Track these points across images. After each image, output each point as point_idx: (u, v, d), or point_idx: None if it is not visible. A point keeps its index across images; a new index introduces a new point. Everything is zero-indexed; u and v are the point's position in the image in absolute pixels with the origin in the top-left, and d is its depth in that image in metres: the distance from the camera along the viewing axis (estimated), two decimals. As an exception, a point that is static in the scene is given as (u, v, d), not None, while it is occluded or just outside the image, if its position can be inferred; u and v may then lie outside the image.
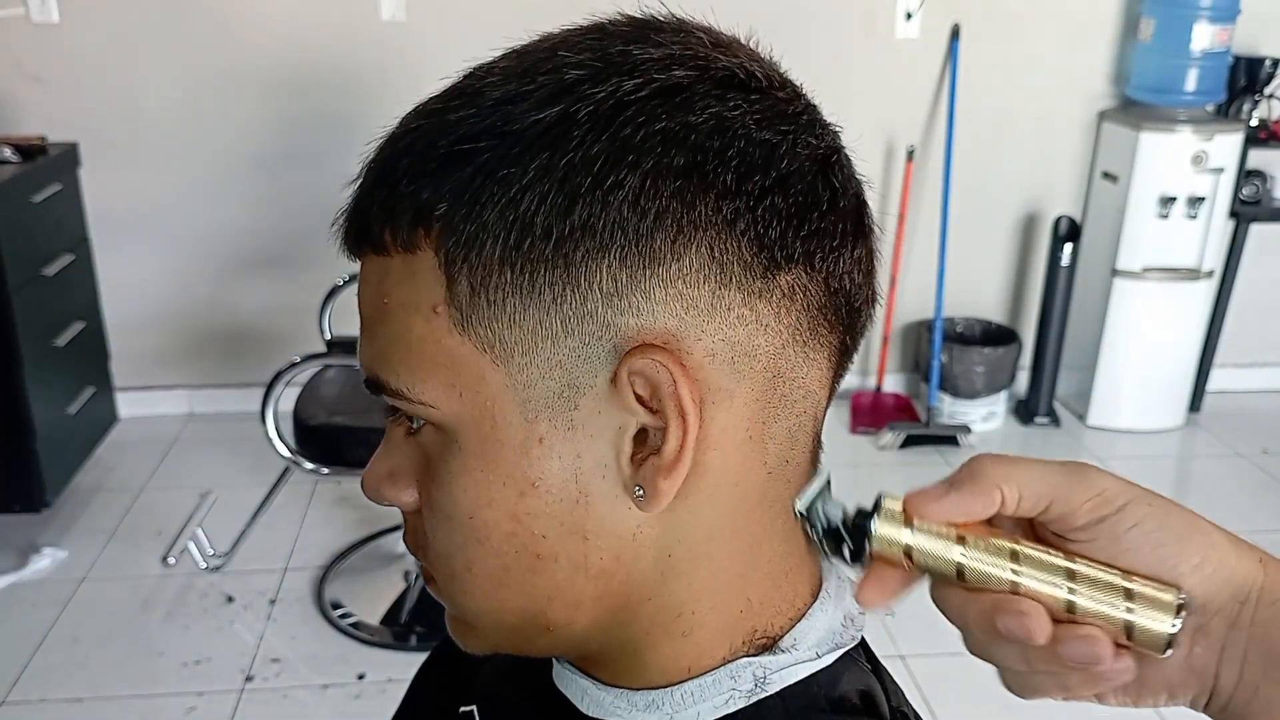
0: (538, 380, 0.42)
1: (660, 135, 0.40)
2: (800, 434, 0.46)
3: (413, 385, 0.43)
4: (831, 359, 0.46)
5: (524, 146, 0.40)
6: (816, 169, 0.43)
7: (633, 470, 0.43)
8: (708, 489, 0.44)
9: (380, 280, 0.44)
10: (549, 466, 0.43)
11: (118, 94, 2.97)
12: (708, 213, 0.40)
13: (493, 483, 0.43)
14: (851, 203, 0.45)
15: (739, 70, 0.42)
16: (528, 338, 0.41)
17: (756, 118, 0.42)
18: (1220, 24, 3.00)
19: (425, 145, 0.42)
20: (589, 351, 0.41)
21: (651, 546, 0.44)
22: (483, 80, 0.43)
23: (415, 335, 0.43)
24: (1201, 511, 0.40)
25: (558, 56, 0.42)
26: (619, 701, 0.48)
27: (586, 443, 0.42)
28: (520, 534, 0.44)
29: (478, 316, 0.41)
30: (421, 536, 0.48)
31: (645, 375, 0.41)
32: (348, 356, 2.31)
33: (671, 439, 0.41)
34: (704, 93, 0.41)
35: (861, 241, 0.45)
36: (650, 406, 0.41)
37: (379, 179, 0.43)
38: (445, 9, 3.00)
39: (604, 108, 0.40)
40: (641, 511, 0.43)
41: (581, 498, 0.43)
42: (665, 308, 0.41)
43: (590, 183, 0.39)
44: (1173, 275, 3.18)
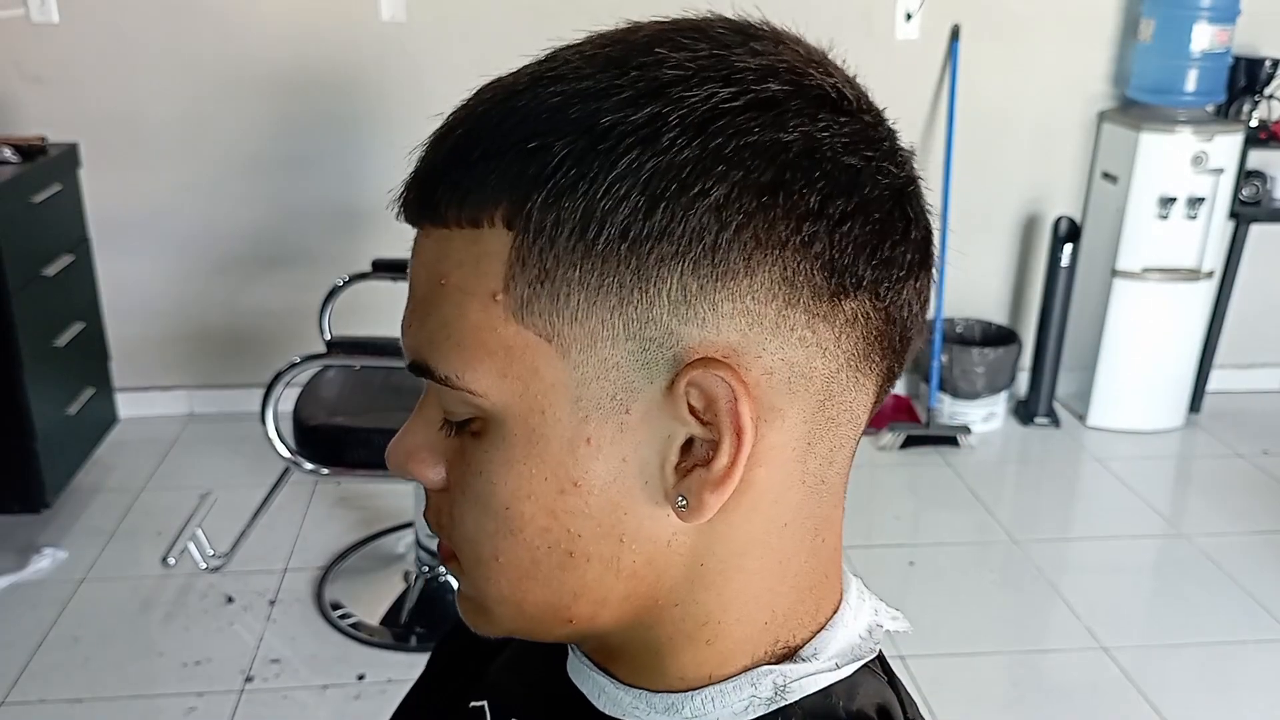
0: (592, 379, 0.41)
1: (751, 148, 0.39)
2: (839, 454, 0.46)
3: (463, 373, 0.42)
4: (879, 384, 0.46)
5: (612, 143, 0.39)
6: (894, 198, 0.43)
7: (676, 479, 0.42)
8: (748, 504, 0.44)
9: (439, 258, 0.43)
10: (593, 467, 0.42)
11: (118, 94, 2.97)
12: (787, 232, 0.40)
13: (534, 477, 0.43)
14: (923, 234, 0.44)
15: (832, 90, 0.42)
16: (587, 335, 0.41)
17: (844, 141, 0.41)
18: (1220, 24, 3.01)
19: (507, 127, 0.41)
20: (648, 357, 0.41)
21: (685, 555, 0.44)
22: (569, 65, 0.42)
23: (470, 321, 0.42)
24: (1201, 512, 0.40)
25: (653, 53, 0.41)
26: (637, 702, 0.48)
27: (633, 448, 0.42)
28: (555, 530, 0.43)
29: (539, 307, 0.41)
30: (445, 516, 0.47)
31: (703, 388, 0.40)
32: (348, 357, 2.31)
33: (724, 454, 0.41)
34: (797, 110, 0.41)
35: (925, 273, 0.45)
36: (702, 419, 0.41)
37: (452, 154, 0.42)
38: (445, 9, 3.00)
39: (697, 114, 0.39)
40: (681, 521, 0.43)
41: (621, 501, 0.43)
42: (731, 322, 0.40)
43: (676, 188, 0.39)
44: (1173, 276, 3.18)
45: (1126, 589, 2.64)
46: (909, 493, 3.07)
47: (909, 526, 2.91)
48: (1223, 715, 2.19)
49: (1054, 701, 2.18)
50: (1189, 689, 2.24)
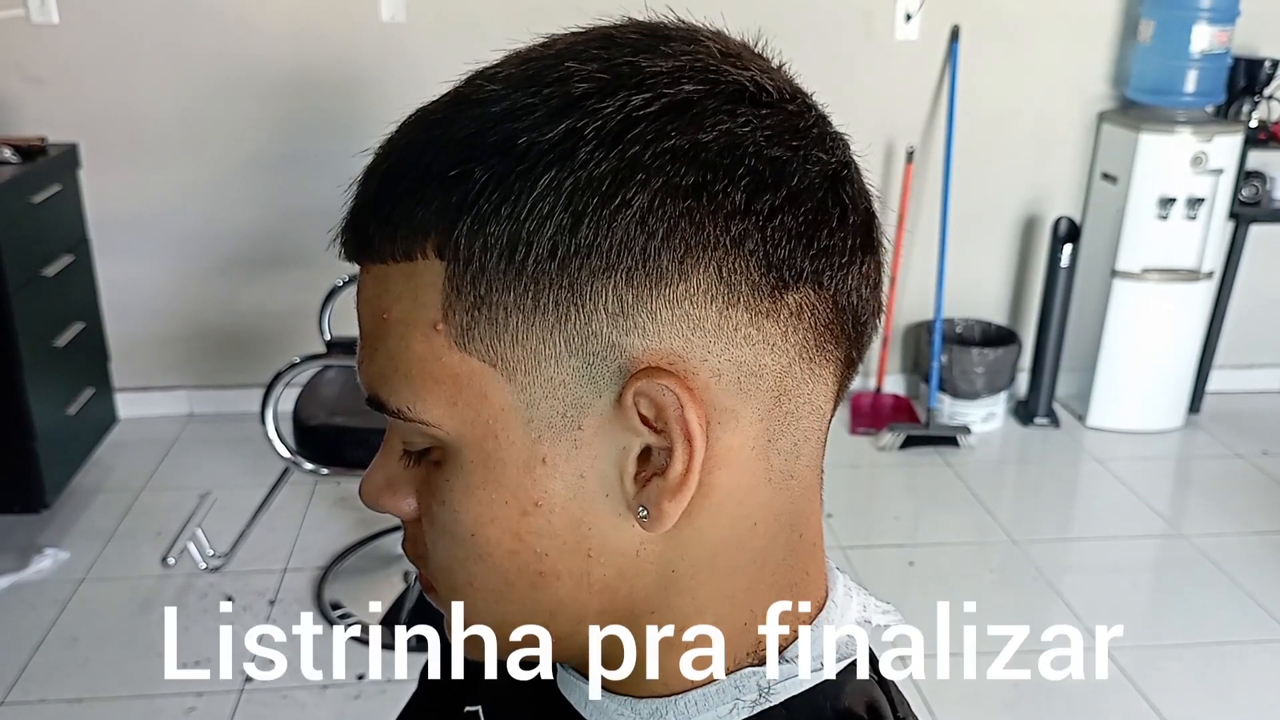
0: (541, 399, 0.41)
1: (669, 153, 0.39)
2: (805, 448, 0.45)
3: (414, 405, 0.43)
4: (837, 373, 0.45)
5: (530, 163, 0.39)
6: (826, 185, 0.42)
7: (636, 490, 0.42)
8: (712, 507, 0.43)
9: (380, 293, 0.43)
10: (552, 486, 0.42)
11: (118, 94, 2.97)
12: (716, 232, 0.40)
13: (495, 501, 0.43)
14: (861, 217, 0.44)
15: (749, 83, 0.41)
16: (530, 356, 0.41)
17: (767, 133, 0.41)
18: (1220, 25, 3.01)
19: (428, 158, 0.41)
20: (593, 372, 0.40)
21: (655, 563, 0.44)
22: (485, 89, 0.42)
23: (415, 353, 0.42)
24: (1201, 512, 0.39)
25: (564, 67, 0.41)
26: (622, 709, 0.48)
27: (590, 462, 0.42)
28: (522, 552, 0.43)
29: (479, 333, 0.41)
30: (422, 546, 0.47)
31: (651, 397, 0.40)
32: (347, 357, 2.31)
33: (677, 462, 0.41)
34: (714, 108, 0.40)
35: (870, 256, 0.44)
36: (655, 427, 0.41)
37: (380, 190, 0.43)
38: (445, 9, 3.00)
39: (612, 124, 0.39)
40: (645, 531, 0.43)
41: (584, 517, 0.43)
42: (671, 328, 0.40)
43: (597, 202, 0.39)
44: (1172, 276, 3.18)
45: (1126, 589, 2.64)
46: (909, 493, 3.07)
47: (909, 527, 2.91)
48: (1223, 715, 2.20)
49: (1054, 701, 2.18)
50: (1189, 689, 2.24)
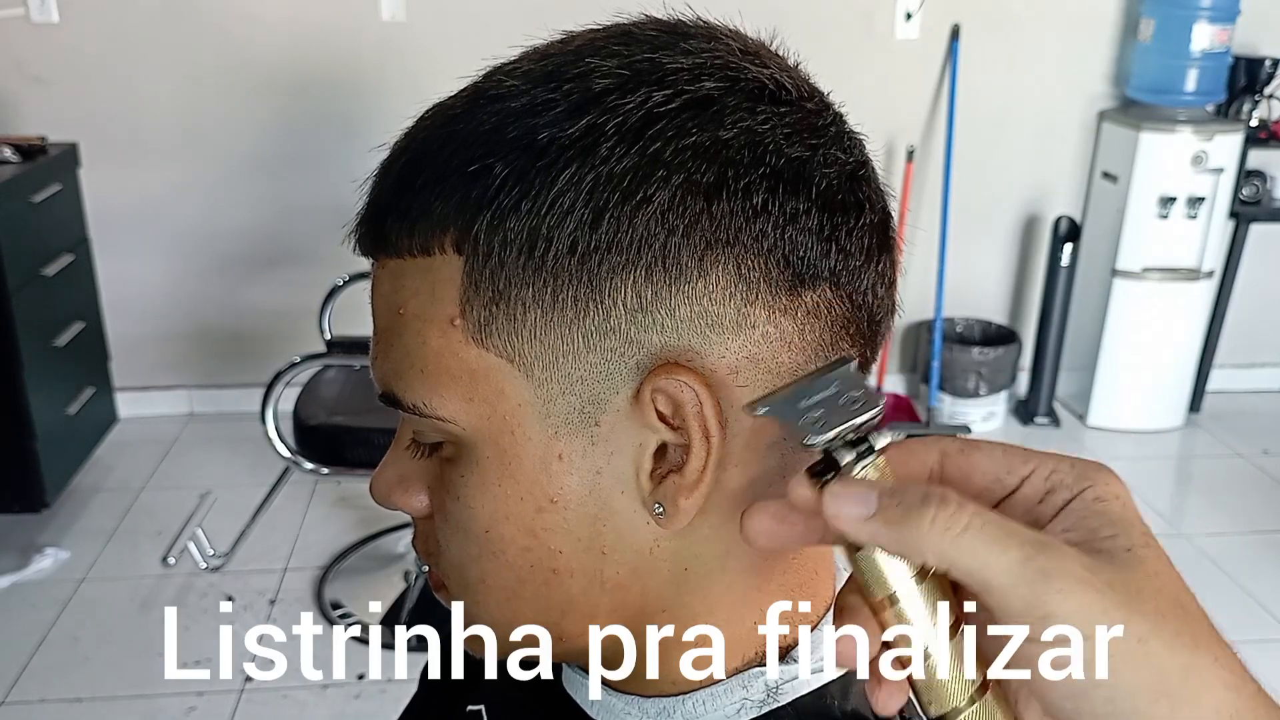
0: (558, 395, 0.41)
1: (690, 150, 0.39)
2: None
3: (430, 400, 0.42)
4: None
5: (551, 159, 0.39)
6: (845, 184, 0.42)
7: (652, 486, 0.42)
8: (727, 505, 0.43)
9: (396, 289, 0.43)
10: (568, 482, 0.42)
11: (118, 94, 2.97)
12: (735, 230, 0.40)
13: (510, 497, 0.43)
14: (878, 216, 0.44)
15: (769, 81, 0.41)
16: (548, 352, 0.40)
17: (786, 132, 0.41)
18: (1220, 24, 3.00)
19: (447, 152, 0.41)
20: (611, 368, 0.40)
21: (668, 561, 0.44)
22: (505, 84, 0.42)
23: (431, 348, 0.42)
24: (1201, 512, 0.39)
25: (584, 63, 0.41)
26: (630, 708, 0.48)
27: (606, 459, 0.42)
28: (536, 549, 0.43)
29: (497, 328, 0.41)
30: (433, 543, 0.47)
31: (668, 394, 0.40)
32: (348, 356, 2.31)
33: (695, 459, 0.41)
34: (734, 106, 0.40)
35: (886, 255, 0.44)
36: (672, 424, 0.41)
37: (398, 184, 0.42)
38: (445, 9, 3.00)
39: (633, 120, 0.39)
40: (660, 528, 0.43)
41: (600, 514, 0.42)
42: (690, 325, 0.40)
43: (618, 198, 0.39)
44: (1173, 275, 3.18)
45: (1126, 589, 2.64)
46: (909, 492, 3.06)
47: (909, 526, 2.91)
48: (1223, 715, 2.19)
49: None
50: (1189, 689, 2.23)
